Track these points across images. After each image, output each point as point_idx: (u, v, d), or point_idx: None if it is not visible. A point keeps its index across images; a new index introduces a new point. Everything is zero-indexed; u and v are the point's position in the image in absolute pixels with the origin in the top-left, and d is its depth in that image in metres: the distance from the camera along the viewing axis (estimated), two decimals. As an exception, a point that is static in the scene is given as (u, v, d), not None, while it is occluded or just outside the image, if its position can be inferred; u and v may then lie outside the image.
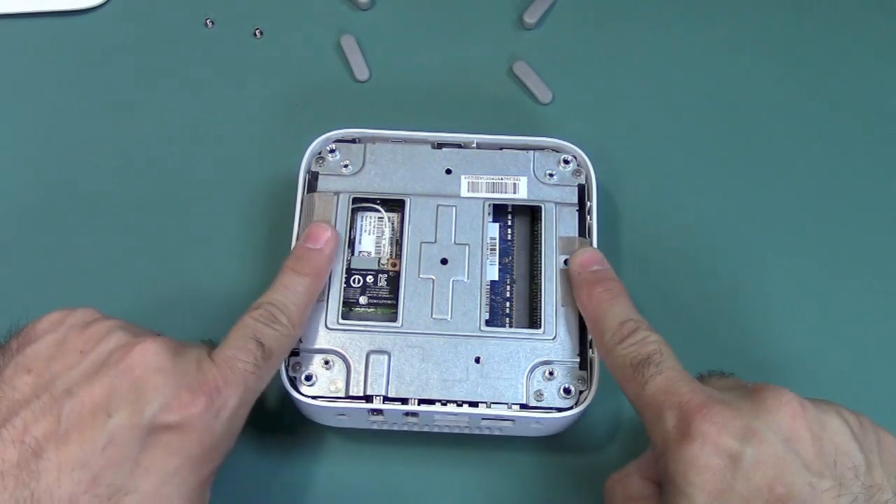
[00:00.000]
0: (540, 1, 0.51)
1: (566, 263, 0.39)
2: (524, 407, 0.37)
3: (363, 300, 0.40)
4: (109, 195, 0.46)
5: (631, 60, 0.50)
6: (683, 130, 0.48)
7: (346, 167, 0.42)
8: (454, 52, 0.50)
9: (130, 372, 0.30)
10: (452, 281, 0.39)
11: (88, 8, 0.51)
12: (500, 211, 0.42)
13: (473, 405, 0.37)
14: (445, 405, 0.37)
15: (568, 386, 0.37)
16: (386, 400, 0.37)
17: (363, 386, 0.37)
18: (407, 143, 0.42)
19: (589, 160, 0.42)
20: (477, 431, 0.39)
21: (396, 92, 0.49)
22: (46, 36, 0.50)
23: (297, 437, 0.40)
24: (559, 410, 0.37)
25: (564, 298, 0.39)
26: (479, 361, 0.37)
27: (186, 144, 0.47)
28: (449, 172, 0.42)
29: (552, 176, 0.42)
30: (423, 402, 0.37)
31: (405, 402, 0.37)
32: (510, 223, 0.42)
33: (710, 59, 0.50)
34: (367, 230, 0.41)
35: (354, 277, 0.40)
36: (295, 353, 0.37)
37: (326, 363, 0.37)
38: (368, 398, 0.37)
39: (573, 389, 0.37)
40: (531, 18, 0.51)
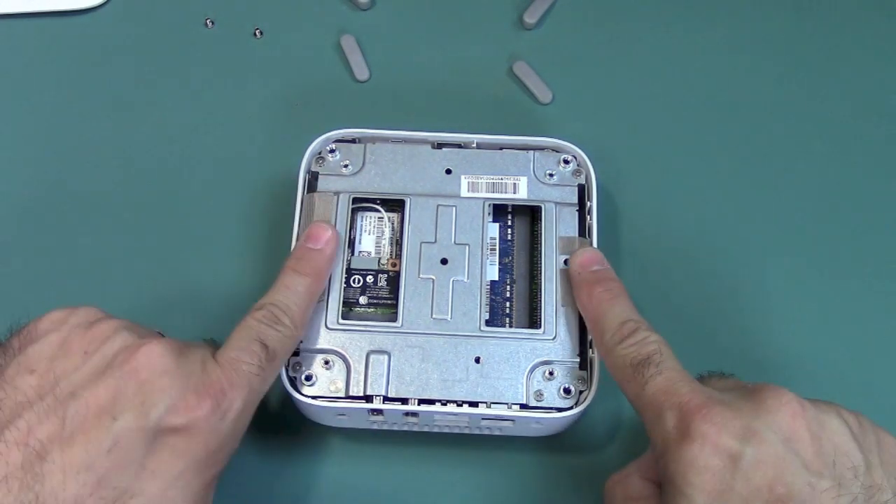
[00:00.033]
0: (540, 1, 0.51)
1: (566, 263, 0.39)
2: (524, 407, 0.37)
3: (363, 300, 0.40)
4: (109, 195, 0.46)
5: (631, 60, 0.50)
6: (683, 130, 0.48)
7: (346, 167, 0.42)
8: (454, 52, 0.50)
9: (136, 374, 0.30)
10: (452, 281, 0.39)
11: (88, 8, 0.51)
12: (500, 211, 0.42)
13: (473, 405, 0.37)
14: (445, 405, 0.37)
15: (568, 386, 0.37)
16: (386, 400, 0.37)
17: (363, 386, 0.37)
18: (407, 143, 0.42)
19: (589, 160, 0.42)
20: (477, 431, 0.39)
21: (396, 92, 0.49)
22: (46, 36, 0.50)
23: (297, 437, 0.40)
24: (559, 410, 0.37)
25: (564, 298, 0.39)
26: (479, 361, 0.37)
27: (186, 144, 0.47)
28: (449, 172, 0.42)
29: (552, 176, 0.42)
30: (423, 402, 0.37)
31: (405, 402, 0.37)
32: (510, 223, 0.42)
33: (710, 59, 0.50)
34: (367, 230, 0.41)
35: (354, 277, 0.40)
36: (295, 353, 0.37)
37: (326, 363, 0.37)
38: (368, 398, 0.37)
39: (573, 389, 0.37)
40: (531, 18, 0.51)
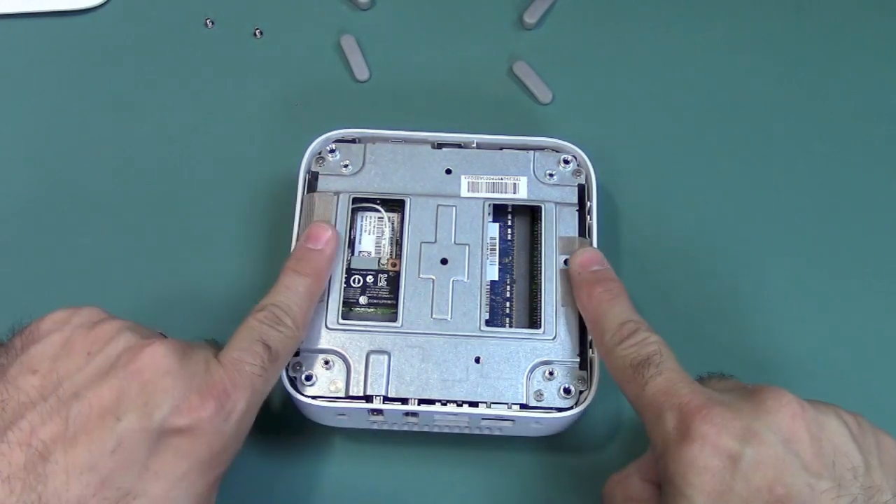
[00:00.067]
0: (540, 1, 0.51)
1: (566, 263, 0.39)
2: (524, 407, 0.37)
3: (363, 300, 0.40)
4: (109, 195, 0.46)
5: (631, 60, 0.50)
6: (683, 130, 0.48)
7: (346, 167, 0.42)
8: (454, 52, 0.50)
9: (139, 375, 0.30)
10: (452, 281, 0.39)
11: (88, 8, 0.51)
12: (500, 211, 0.42)
13: (473, 405, 0.37)
14: (445, 405, 0.37)
15: (568, 386, 0.37)
16: (386, 400, 0.37)
17: (363, 386, 0.37)
18: (407, 143, 0.42)
19: (589, 160, 0.42)
20: (477, 431, 0.39)
21: (396, 92, 0.49)
22: (46, 36, 0.50)
23: (297, 437, 0.40)
24: (559, 410, 0.37)
25: (564, 298, 0.39)
26: (479, 361, 0.37)
27: (186, 144, 0.47)
28: (449, 172, 0.42)
29: (552, 176, 0.42)
30: (423, 402, 0.37)
31: (405, 402, 0.37)
32: (510, 223, 0.42)
33: (710, 59, 0.50)
34: (367, 230, 0.41)
35: (354, 277, 0.40)
36: (295, 353, 0.37)
37: (326, 363, 0.37)
38: (368, 398, 0.37)
39: (573, 389, 0.37)
40: (531, 18, 0.50)
